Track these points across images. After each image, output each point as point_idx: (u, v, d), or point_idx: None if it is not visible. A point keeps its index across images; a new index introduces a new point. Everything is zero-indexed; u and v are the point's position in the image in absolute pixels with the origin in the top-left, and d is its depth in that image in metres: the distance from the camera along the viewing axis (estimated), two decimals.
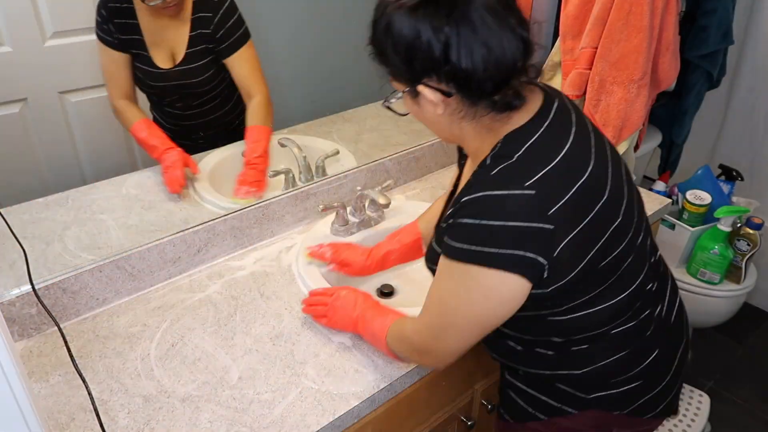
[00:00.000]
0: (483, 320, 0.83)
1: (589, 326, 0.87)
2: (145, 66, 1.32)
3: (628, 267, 0.85)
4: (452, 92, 0.78)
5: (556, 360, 0.91)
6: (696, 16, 1.89)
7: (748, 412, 2.04)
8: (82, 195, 1.28)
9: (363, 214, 1.40)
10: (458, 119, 0.82)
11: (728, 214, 1.98)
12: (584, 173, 0.79)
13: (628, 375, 0.92)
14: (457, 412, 1.26)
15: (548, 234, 0.74)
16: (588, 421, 0.94)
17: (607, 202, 0.80)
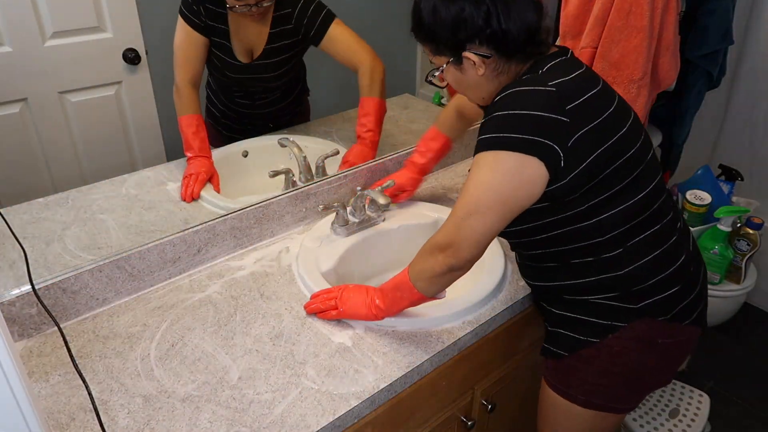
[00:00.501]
0: (504, 200, 0.91)
1: (615, 225, 0.97)
2: (226, 56, 1.36)
3: (639, 176, 0.98)
4: (491, 54, 0.95)
5: (597, 265, 1.01)
6: (696, 16, 1.89)
7: (748, 412, 2.04)
8: (82, 195, 1.28)
9: (363, 214, 1.40)
10: (495, 76, 0.98)
11: (728, 214, 1.98)
12: (596, 87, 0.96)
13: (665, 275, 1.01)
14: (457, 412, 1.26)
15: (565, 125, 0.89)
16: (636, 333, 1.02)
17: (614, 113, 0.95)
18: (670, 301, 1.03)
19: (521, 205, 0.93)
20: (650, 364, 1.06)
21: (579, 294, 1.04)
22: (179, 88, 1.33)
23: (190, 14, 1.29)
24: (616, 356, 1.04)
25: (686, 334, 1.07)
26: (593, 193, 0.95)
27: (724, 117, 2.37)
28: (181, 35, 1.30)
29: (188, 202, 1.34)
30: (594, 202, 0.95)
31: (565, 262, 1.03)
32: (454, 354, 1.14)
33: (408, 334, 1.11)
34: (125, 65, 1.26)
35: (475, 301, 1.17)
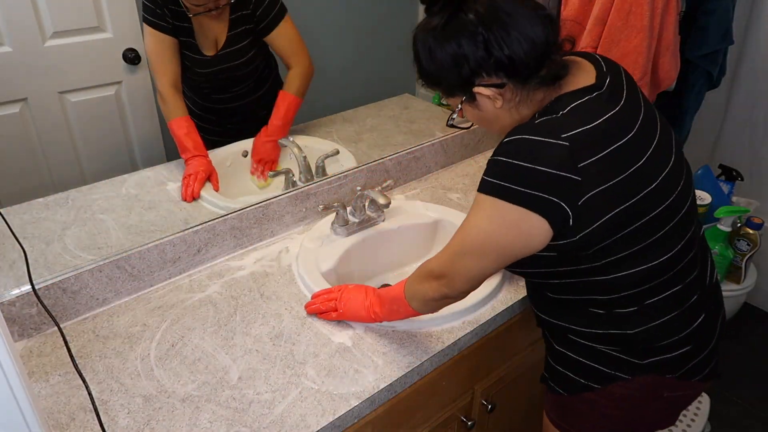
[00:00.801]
0: (500, 250, 0.88)
1: (632, 285, 0.91)
2: (193, 53, 1.35)
3: (668, 233, 0.90)
4: (504, 82, 0.87)
5: (606, 319, 0.94)
6: (696, 16, 1.89)
7: (748, 412, 2.04)
8: (82, 195, 1.28)
9: (363, 214, 1.40)
10: (516, 105, 0.90)
11: (728, 214, 1.98)
12: (623, 138, 0.85)
13: (678, 338, 0.95)
14: (457, 412, 1.26)
15: (575, 184, 0.81)
16: (641, 386, 0.98)
17: (645, 167, 0.86)
18: (679, 360, 0.97)
19: (519, 254, 0.88)
20: (654, 412, 1.03)
21: (583, 338, 0.99)
22: (162, 93, 1.33)
23: (156, 18, 1.28)
24: (619, 402, 1.00)
25: (695, 388, 1.03)
26: (610, 250, 0.87)
27: (724, 117, 2.37)
28: (152, 41, 1.29)
29: (189, 202, 1.35)
30: (610, 259, 0.88)
31: (575, 307, 0.97)
32: (454, 354, 1.13)
33: (408, 334, 1.11)
34: (125, 65, 1.26)
35: (475, 301, 1.17)
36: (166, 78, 1.32)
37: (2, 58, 1.10)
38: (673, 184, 0.91)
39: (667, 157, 0.91)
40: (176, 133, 1.35)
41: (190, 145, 1.35)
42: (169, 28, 1.29)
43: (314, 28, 1.49)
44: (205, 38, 1.36)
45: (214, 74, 1.41)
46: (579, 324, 0.97)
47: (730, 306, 2.13)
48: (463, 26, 0.84)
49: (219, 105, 1.46)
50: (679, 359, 0.97)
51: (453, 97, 0.93)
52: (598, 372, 0.98)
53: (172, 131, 1.35)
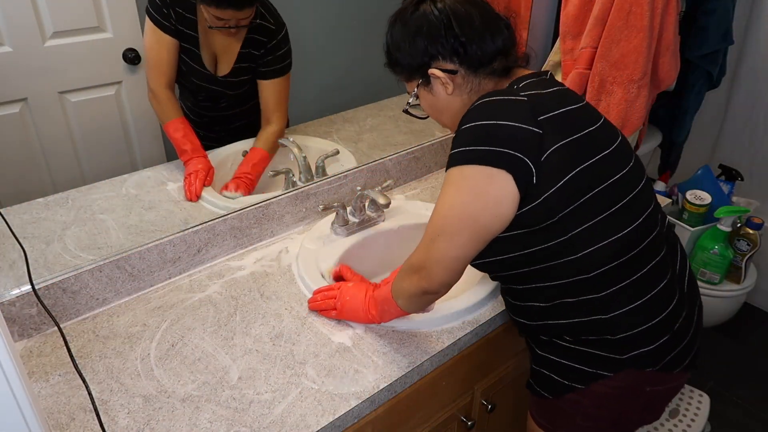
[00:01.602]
0: (471, 221, 0.86)
1: (600, 261, 0.91)
2: (194, 63, 1.34)
3: (627, 205, 0.91)
4: (456, 69, 0.93)
5: (581, 306, 0.94)
6: (696, 16, 1.89)
7: (748, 412, 2.04)
8: (82, 195, 1.28)
9: (363, 214, 1.40)
10: (466, 94, 0.96)
11: (728, 214, 1.98)
12: (576, 103, 0.91)
13: (654, 323, 0.95)
14: (457, 412, 1.26)
15: (536, 137, 0.83)
16: (623, 382, 0.98)
17: (598, 131, 0.90)
18: (658, 352, 0.97)
19: (490, 226, 0.87)
20: (637, 407, 1.03)
21: (561, 336, 0.99)
22: (156, 93, 1.31)
23: (159, 17, 1.27)
24: (602, 400, 1.00)
25: (676, 380, 1.03)
26: (575, 220, 0.87)
27: (724, 117, 2.37)
28: (152, 38, 1.28)
29: (194, 201, 1.34)
30: (577, 231, 0.88)
31: (547, 301, 0.97)
32: (454, 354, 1.14)
33: (408, 334, 1.11)
34: (125, 65, 1.26)
35: (475, 301, 1.17)
36: (162, 77, 1.31)
37: (2, 58, 1.10)
38: (625, 158, 0.94)
39: (614, 135, 0.95)
40: (173, 135, 1.34)
41: (188, 147, 1.34)
42: (171, 29, 1.28)
43: (314, 29, 1.49)
44: (208, 53, 1.35)
45: (210, 89, 1.40)
46: (555, 318, 0.97)
47: (730, 306, 2.13)
48: (429, 12, 0.93)
49: (211, 112, 1.45)
50: (659, 351, 0.97)
51: (411, 81, 1.00)
52: (580, 372, 0.99)
53: (168, 133, 1.34)
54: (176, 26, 1.29)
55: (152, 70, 1.29)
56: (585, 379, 0.99)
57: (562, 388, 1.01)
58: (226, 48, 1.36)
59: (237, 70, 1.37)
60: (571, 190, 0.85)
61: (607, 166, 0.89)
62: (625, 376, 0.97)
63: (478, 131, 0.84)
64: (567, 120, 0.87)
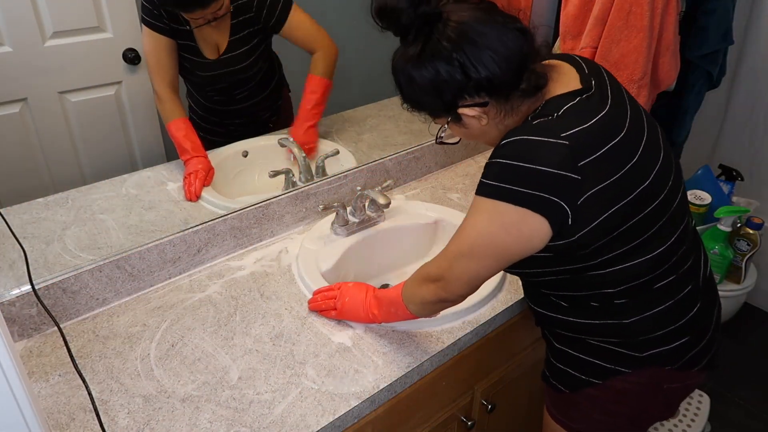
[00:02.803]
0: (499, 252, 0.88)
1: (627, 279, 0.92)
2: (194, 56, 1.35)
3: (661, 227, 0.91)
4: (486, 101, 0.87)
5: (603, 310, 0.95)
6: (696, 16, 1.89)
7: (748, 412, 2.04)
8: (82, 195, 1.28)
9: (363, 214, 1.40)
10: (501, 119, 0.90)
11: (728, 214, 1.98)
12: (617, 136, 0.85)
13: (674, 327, 0.96)
14: (457, 412, 1.26)
15: (575, 183, 0.81)
16: (641, 379, 0.99)
17: (637, 165, 0.86)
18: (678, 351, 0.98)
19: (518, 256, 0.88)
20: (654, 404, 1.03)
21: (580, 333, 1.00)
22: (159, 95, 1.32)
23: (152, 19, 1.27)
24: (620, 395, 1.00)
25: (694, 378, 1.03)
26: (606, 248, 0.88)
27: (724, 117, 2.37)
28: (150, 42, 1.29)
29: (193, 201, 1.35)
30: (607, 257, 0.89)
31: (569, 302, 0.98)
32: (454, 354, 1.13)
33: (408, 334, 1.11)
34: (125, 65, 1.26)
35: (475, 301, 1.17)
36: (164, 80, 1.32)
37: (2, 58, 1.10)
38: (664, 179, 0.92)
39: (657, 153, 0.92)
40: (174, 134, 1.34)
41: (188, 146, 1.35)
42: (166, 29, 1.29)
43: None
44: (205, 42, 1.36)
45: (216, 77, 1.41)
46: (575, 316, 0.98)
47: (730, 306, 2.13)
48: (438, 52, 0.84)
49: (221, 107, 1.46)
50: (678, 350, 0.98)
51: (439, 118, 0.94)
52: (598, 367, 0.99)
53: (170, 133, 1.35)
54: (170, 25, 1.29)
55: (155, 74, 1.31)
56: (603, 375, 0.99)
57: (580, 383, 1.02)
58: (220, 29, 1.36)
59: (233, 43, 1.37)
60: (605, 227, 0.85)
61: (644, 199, 0.88)
62: (643, 374, 0.98)
63: (518, 171, 0.82)
64: (609, 159, 0.84)
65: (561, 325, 1.01)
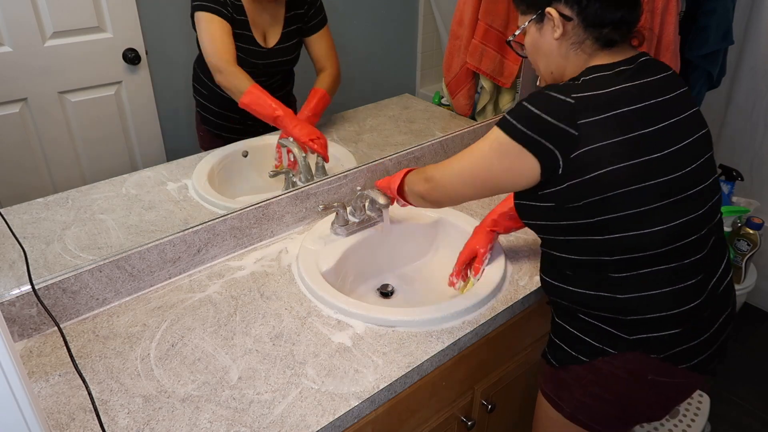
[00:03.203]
0: (488, 177, 0.99)
1: (625, 249, 0.95)
2: (248, 45, 1.40)
3: (672, 205, 0.94)
4: (572, 17, 0.97)
5: (600, 281, 0.99)
6: (696, 16, 1.89)
7: (748, 412, 2.04)
8: (82, 195, 1.28)
9: (363, 214, 1.40)
10: (568, 46, 1.00)
11: (728, 214, 1.98)
12: (630, 106, 0.92)
13: (666, 314, 0.97)
14: (457, 412, 1.26)
15: (571, 137, 0.89)
16: (627, 364, 1.00)
17: (651, 136, 0.92)
18: (665, 341, 0.99)
19: (502, 186, 0.99)
20: (640, 397, 1.04)
21: (578, 304, 1.02)
22: (224, 70, 1.35)
23: (217, 5, 1.33)
24: (605, 379, 1.02)
25: (683, 377, 1.03)
26: (600, 207, 0.92)
27: (724, 117, 2.37)
28: (211, 26, 1.34)
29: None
30: (603, 218, 0.93)
31: (572, 268, 1.02)
32: (454, 354, 1.14)
33: (408, 334, 1.11)
34: (125, 65, 1.26)
35: (475, 301, 1.17)
36: (229, 56, 1.36)
37: (2, 58, 1.10)
38: (688, 159, 0.96)
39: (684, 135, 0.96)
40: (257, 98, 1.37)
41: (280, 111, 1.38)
42: (228, 15, 1.34)
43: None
44: (258, 31, 1.41)
45: (266, 66, 1.45)
46: (575, 285, 1.02)
47: None
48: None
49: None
50: (666, 340, 0.99)
51: (526, 14, 1.03)
52: (587, 345, 1.02)
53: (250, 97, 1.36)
54: (231, 14, 1.35)
55: (219, 53, 1.35)
56: (591, 353, 1.02)
57: (568, 358, 1.05)
58: (273, 20, 1.42)
59: (285, 36, 1.44)
60: (601, 184, 0.90)
61: (651, 170, 0.92)
62: (628, 358, 0.99)
63: (528, 114, 0.92)
64: (615, 122, 0.90)
65: (562, 294, 1.04)
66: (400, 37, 1.80)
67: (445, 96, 1.88)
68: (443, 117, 1.86)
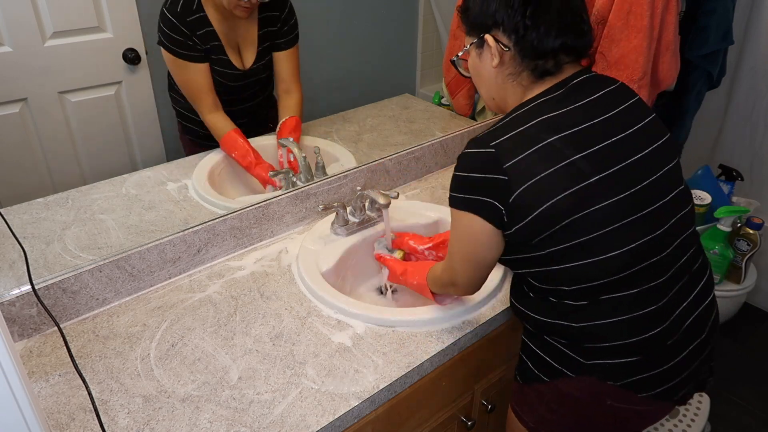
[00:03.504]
0: (472, 257, 0.98)
1: (579, 279, 0.92)
2: (225, 69, 1.37)
3: (618, 230, 0.90)
4: (510, 47, 0.94)
5: (557, 309, 0.97)
6: (696, 16, 1.89)
7: (748, 412, 2.04)
8: (82, 195, 1.28)
9: (363, 214, 1.40)
10: (505, 76, 0.97)
11: (728, 214, 1.98)
12: (554, 135, 0.89)
13: (622, 343, 0.94)
14: (457, 412, 1.26)
15: (503, 183, 0.88)
16: (585, 387, 0.98)
17: (582, 161, 0.89)
18: (621, 368, 0.95)
19: (488, 256, 0.96)
20: (601, 421, 1.01)
21: (538, 329, 1.01)
22: (206, 117, 1.36)
23: (187, 51, 1.29)
24: (565, 398, 1.00)
25: (646, 405, 0.99)
26: (551, 241, 0.90)
27: (724, 117, 2.37)
28: (187, 74, 1.31)
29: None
30: (553, 250, 0.91)
31: (535, 294, 1.00)
32: (454, 354, 1.14)
33: (408, 334, 1.11)
34: (125, 65, 1.26)
35: (475, 301, 1.17)
36: (207, 102, 1.36)
37: (2, 58, 1.10)
38: (639, 178, 0.92)
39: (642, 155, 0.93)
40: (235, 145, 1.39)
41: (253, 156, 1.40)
42: (200, 55, 1.31)
43: (315, 28, 1.49)
44: (233, 52, 1.38)
45: (246, 86, 1.43)
46: (536, 312, 1.00)
47: (730, 306, 2.13)
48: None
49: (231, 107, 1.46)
50: (622, 368, 0.95)
51: (469, 35, 1.01)
52: (548, 365, 1.01)
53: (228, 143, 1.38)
54: (203, 48, 1.31)
55: (197, 101, 1.35)
56: (551, 374, 1.01)
57: (532, 377, 1.04)
58: (246, 37, 1.39)
59: (261, 53, 1.42)
60: (545, 219, 0.88)
61: (589, 196, 0.88)
62: (586, 382, 0.97)
63: (459, 179, 0.93)
64: (541, 155, 0.88)
65: (525, 317, 1.04)
66: (400, 37, 1.80)
67: (445, 96, 1.88)
68: (443, 117, 1.86)
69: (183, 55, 1.29)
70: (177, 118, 1.43)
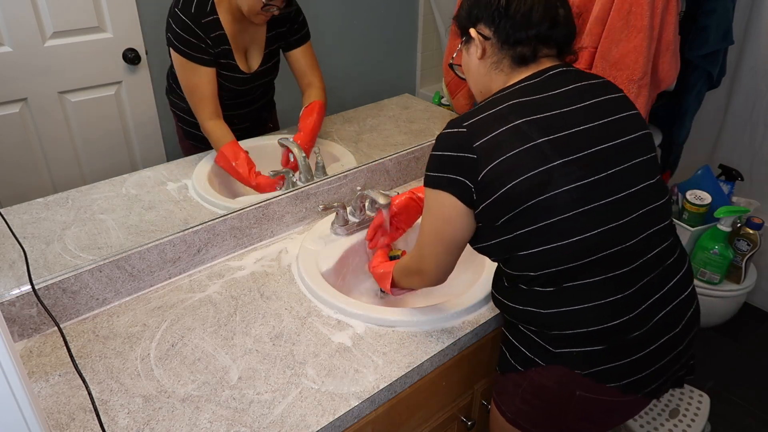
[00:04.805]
0: (441, 237, 1.00)
1: (545, 263, 0.94)
2: (232, 73, 1.36)
3: (581, 214, 0.91)
4: (490, 37, 0.99)
5: (527, 296, 0.98)
6: (696, 16, 1.89)
7: (748, 412, 2.04)
8: (82, 195, 1.28)
9: (363, 214, 1.40)
10: (489, 65, 1.01)
11: (728, 214, 1.98)
12: (522, 118, 0.92)
13: (587, 331, 0.95)
14: (457, 412, 1.26)
15: (472, 162, 0.91)
16: (554, 376, 0.99)
17: (545, 144, 0.91)
18: (587, 357, 0.96)
19: (458, 236, 0.98)
20: (573, 411, 1.00)
21: (513, 317, 1.02)
22: (206, 124, 1.35)
23: (196, 52, 1.27)
24: (538, 389, 1.01)
25: (614, 396, 0.98)
26: (516, 222, 0.91)
27: (724, 117, 2.37)
28: (195, 77, 1.30)
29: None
30: (521, 233, 0.92)
31: (508, 282, 1.02)
32: (454, 354, 1.14)
33: (408, 334, 1.11)
34: (125, 65, 1.27)
35: (475, 301, 1.17)
36: (209, 110, 1.34)
37: (2, 58, 1.10)
38: (606, 166, 0.93)
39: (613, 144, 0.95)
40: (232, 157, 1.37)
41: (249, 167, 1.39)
42: (210, 59, 1.30)
43: (315, 28, 1.49)
44: (241, 55, 1.37)
45: (252, 89, 1.43)
46: (509, 299, 1.02)
47: (730, 306, 2.13)
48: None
49: (233, 111, 1.46)
50: (587, 356, 0.96)
51: (461, 36, 1.06)
52: (522, 355, 1.02)
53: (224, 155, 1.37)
54: (214, 52, 1.30)
55: (200, 107, 1.33)
56: (524, 363, 1.02)
57: (508, 366, 1.05)
58: (254, 40, 1.39)
59: (267, 56, 1.41)
60: (510, 198, 0.90)
61: (552, 178, 0.90)
62: (556, 371, 0.98)
63: (433, 159, 0.96)
64: (508, 136, 0.90)
65: (503, 307, 1.05)
66: (400, 37, 1.80)
67: (445, 96, 1.88)
68: (443, 117, 1.86)
69: (194, 58, 1.28)
70: (178, 123, 1.42)
